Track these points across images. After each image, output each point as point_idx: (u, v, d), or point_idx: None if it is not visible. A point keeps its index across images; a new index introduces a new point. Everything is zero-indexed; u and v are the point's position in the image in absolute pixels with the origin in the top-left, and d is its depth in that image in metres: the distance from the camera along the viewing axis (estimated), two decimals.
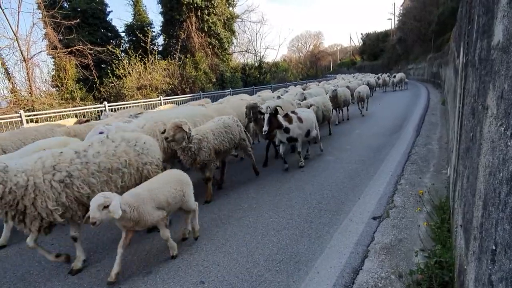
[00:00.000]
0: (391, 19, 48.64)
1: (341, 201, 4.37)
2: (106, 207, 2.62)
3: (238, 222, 4.00)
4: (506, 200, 0.86)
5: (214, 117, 5.47)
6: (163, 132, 4.15)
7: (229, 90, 20.26)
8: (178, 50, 21.37)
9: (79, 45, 18.12)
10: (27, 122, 10.35)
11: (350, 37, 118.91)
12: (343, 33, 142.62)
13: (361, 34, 63.18)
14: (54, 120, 11.53)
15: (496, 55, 1.16)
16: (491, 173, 1.09)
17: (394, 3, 64.63)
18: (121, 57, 19.15)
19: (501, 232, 0.89)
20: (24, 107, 14.27)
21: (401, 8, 44.40)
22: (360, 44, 63.29)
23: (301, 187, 5.01)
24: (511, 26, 0.97)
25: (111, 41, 23.35)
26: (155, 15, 48.33)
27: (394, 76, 23.38)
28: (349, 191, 4.71)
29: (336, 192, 4.69)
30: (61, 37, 18.14)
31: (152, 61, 19.78)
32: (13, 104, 14.79)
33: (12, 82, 15.81)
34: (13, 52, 16.26)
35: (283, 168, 6.00)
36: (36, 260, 3.55)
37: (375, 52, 52.96)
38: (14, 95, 15.06)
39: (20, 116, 10.29)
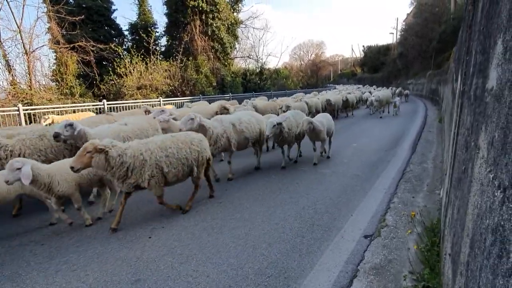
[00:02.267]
0: (393, 33, 49.17)
1: (334, 216, 4.39)
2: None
3: (230, 233, 4.00)
4: (491, 250, 0.88)
5: None
6: None
7: (228, 95, 20.33)
8: (180, 52, 21.42)
9: (82, 41, 18.15)
10: (25, 116, 10.32)
11: (352, 49, 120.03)
12: (345, 44, 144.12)
13: (363, 46, 63.85)
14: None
15: (490, 100, 1.20)
16: (479, 216, 1.12)
17: (397, 18, 65.47)
18: (123, 55, 19.15)
19: (484, 280, 0.92)
20: (23, 100, 14.23)
21: (403, 23, 44.89)
22: (361, 56, 63.87)
23: (296, 200, 5.03)
24: (504, 77, 1.00)
25: (114, 39, 23.40)
26: (159, 16, 48.52)
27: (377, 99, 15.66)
28: (342, 206, 4.73)
29: (329, 207, 4.71)
30: (64, 32, 18.15)
31: (154, 61, 19.83)
32: (12, 96, 14.75)
33: (12, 74, 15.78)
34: (16, 45, 16.26)
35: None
36: (25, 260, 3.53)
37: (376, 65, 53.46)
38: (13, 88, 15.01)
39: (18, 110, 10.27)
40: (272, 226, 4.15)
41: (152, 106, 14.70)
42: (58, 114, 11.79)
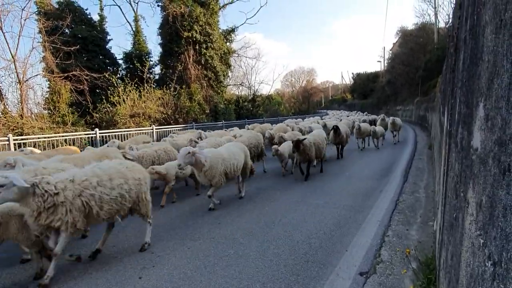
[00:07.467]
0: (380, 61, 50.95)
1: (328, 252, 4.33)
2: None
3: (223, 272, 3.90)
4: None
5: None
6: None
7: (221, 122, 20.49)
8: (174, 81, 21.73)
9: (76, 70, 18.29)
10: (14, 146, 10.20)
11: (342, 76, 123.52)
12: (335, 71, 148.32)
13: (352, 73, 65.98)
14: (43, 146, 11.39)
15: (475, 159, 1.24)
16: (472, 277, 1.13)
17: (384, 47, 67.82)
18: (117, 84, 19.30)
19: None
20: (13, 129, 14.11)
21: (390, 52, 46.68)
22: (351, 83, 65.74)
23: (290, 234, 4.96)
24: (488, 145, 1.05)
25: (108, 67, 23.66)
26: (154, 46, 49.66)
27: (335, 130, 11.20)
28: (337, 241, 4.68)
29: (324, 242, 4.65)
30: (59, 62, 18.31)
31: (148, 89, 20.02)
32: (2, 125, 14.61)
33: (4, 103, 15.70)
34: (9, 74, 16.30)
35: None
36: None
37: (365, 91, 55.00)
38: (5, 117, 14.91)
39: (8, 140, 10.16)
40: (266, 263, 4.07)
41: (145, 133, 14.70)
42: (49, 144, 11.71)
